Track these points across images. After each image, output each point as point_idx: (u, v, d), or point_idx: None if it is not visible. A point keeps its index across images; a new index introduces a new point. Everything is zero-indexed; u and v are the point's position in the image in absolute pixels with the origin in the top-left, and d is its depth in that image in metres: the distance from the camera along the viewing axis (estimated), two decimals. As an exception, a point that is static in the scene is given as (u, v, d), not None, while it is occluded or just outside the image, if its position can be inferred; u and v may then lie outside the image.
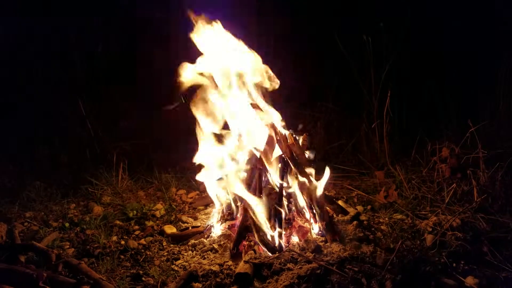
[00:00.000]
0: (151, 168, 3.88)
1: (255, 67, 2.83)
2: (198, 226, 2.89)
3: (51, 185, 3.55)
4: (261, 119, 2.75)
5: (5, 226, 2.73)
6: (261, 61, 2.83)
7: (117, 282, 2.25)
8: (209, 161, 2.90)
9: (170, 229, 2.87)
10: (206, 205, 3.30)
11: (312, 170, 2.68)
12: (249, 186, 2.72)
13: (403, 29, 3.88)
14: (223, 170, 2.86)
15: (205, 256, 2.51)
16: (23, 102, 4.25)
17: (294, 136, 2.77)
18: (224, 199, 2.92)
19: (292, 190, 2.70)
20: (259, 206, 2.55)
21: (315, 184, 2.61)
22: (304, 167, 2.66)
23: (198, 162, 2.91)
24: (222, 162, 2.87)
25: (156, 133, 4.42)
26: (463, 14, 4.13)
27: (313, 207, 2.62)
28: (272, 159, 2.73)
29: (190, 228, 2.90)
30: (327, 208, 2.74)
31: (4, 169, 3.76)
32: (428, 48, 4.23)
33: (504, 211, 2.79)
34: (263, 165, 2.72)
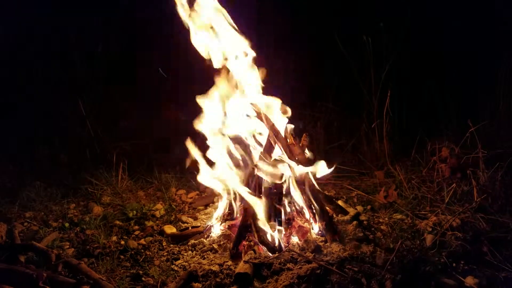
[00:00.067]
0: (151, 168, 3.87)
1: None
2: (198, 226, 2.89)
3: (51, 185, 3.55)
4: (261, 119, 2.75)
5: (5, 226, 2.73)
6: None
7: (117, 282, 2.25)
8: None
9: (170, 229, 2.87)
10: (206, 205, 3.30)
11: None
12: (248, 186, 2.73)
13: (403, 29, 3.88)
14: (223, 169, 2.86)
15: (205, 256, 2.51)
16: (23, 102, 4.25)
17: (294, 136, 2.78)
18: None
19: (292, 189, 2.70)
20: (259, 206, 2.55)
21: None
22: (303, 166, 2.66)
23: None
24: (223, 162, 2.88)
25: (156, 133, 4.42)
26: (463, 14, 4.13)
27: (312, 207, 2.62)
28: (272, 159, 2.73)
29: (190, 228, 2.90)
30: (327, 208, 2.74)
31: (4, 169, 3.76)
32: (428, 48, 4.23)
33: (504, 211, 2.79)
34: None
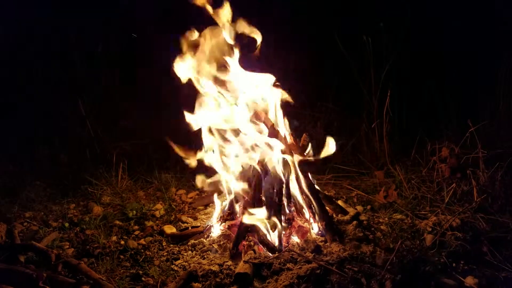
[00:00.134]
0: (151, 168, 3.87)
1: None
2: (198, 226, 2.89)
3: (51, 185, 3.55)
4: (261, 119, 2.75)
5: (4, 226, 2.73)
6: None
7: (116, 282, 2.25)
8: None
9: (169, 229, 2.87)
10: (206, 205, 3.30)
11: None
12: (249, 186, 2.73)
13: (403, 29, 3.88)
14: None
15: (205, 256, 2.51)
16: (23, 102, 4.25)
17: (294, 136, 2.77)
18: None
19: (292, 189, 2.71)
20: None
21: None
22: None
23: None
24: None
25: (156, 133, 4.41)
26: (463, 14, 4.13)
27: (312, 207, 2.62)
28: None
29: (190, 228, 2.90)
30: (327, 208, 2.74)
31: (4, 169, 3.75)
32: (428, 48, 4.23)
33: (504, 211, 2.79)
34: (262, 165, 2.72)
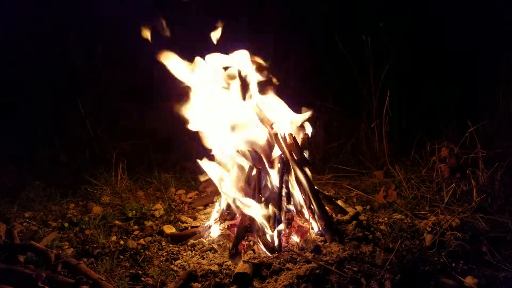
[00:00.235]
0: (150, 168, 3.88)
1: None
2: (198, 226, 2.89)
3: (50, 185, 3.55)
4: (260, 119, 2.75)
5: (4, 226, 2.73)
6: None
7: (116, 282, 2.25)
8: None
9: (169, 229, 2.87)
10: (206, 205, 3.30)
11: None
12: (248, 186, 2.73)
13: (403, 29, 3.88)
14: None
15: (204, 256, 2.51)
16: (23, 102, 4.25)
17: (293, 136, 2.77)
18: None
19: (291, 189, 2.70)
20: (258, 206, 2.55)
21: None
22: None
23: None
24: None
25: (156, 133, 4.42)
26: (463, 14, 4.12)
27: (312, 207, 2.62)
28: (271, 159, 2.73)
29: (189, 228, 2.90)
30: (327, 208, 2.73)
31: (4, 169, 3.75)
32: (428, 48, 4.23)
33: (503, 211, 2.79)
34: (262, 164, 2.72)
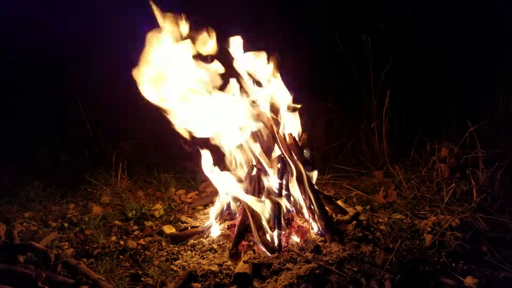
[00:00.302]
0: (150, 168, 3.88)
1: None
2: (197, 226, 2.89)
3: (50, 185, 3.56)
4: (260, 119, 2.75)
5: (4, 226, 2.73)
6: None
7: (116, 282, 2.25)
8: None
9: (169, 229, 2.87)
10: (205, 205, 3.30)
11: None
12: (249, 185, 2.73)
13: (403, 29, 3.88)
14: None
15: (204, 256, 2.51)
16: (23, 102, 4.25)
17: (293, 136, 2.77)
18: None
19: (291, 189, 2.70)
20: (258, 206, 2.55)
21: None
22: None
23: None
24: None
25: (156, 133, 4.41)
26: (463, 14, 4.12)
27: (312, 207, 2.62)
28: (271, 159, 2.73)
29: (189, 228, 2.90)
30: (326, 208, 2.73)
31: (4, 169, 3.76)
32: (428, 48, 4.22)
33: (503, 211, 2.79)
34: (262, 165, 2.72)
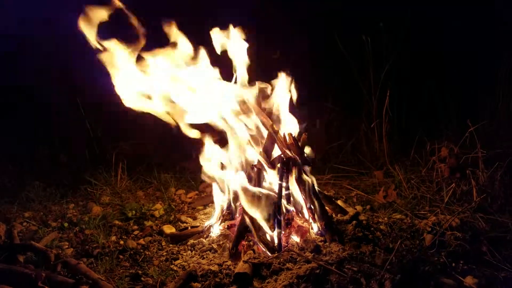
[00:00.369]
0: (150, 168, 3.88)
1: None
2: (197, 226, 2.89)
3: (50, 185, 3.56)
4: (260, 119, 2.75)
5: (4, 226, 2.73)
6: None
7: (116, 282, 2.25)
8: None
9: (169, 229, 2.87)
10: (205, 205, 3.30)
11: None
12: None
13: (403, 29, 3.88)
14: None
15: (204, 256, 2.51)
16: (23, 102, 4.25)
17: (293, 136, 2.77)
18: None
19: (291, 189, 2.70)
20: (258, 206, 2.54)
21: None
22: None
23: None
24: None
25: (156, 133, 4.41)
26: (463, 14, 4.12)
27: (312, 207, 2.61)
28: (271, 159, 2.73)
29: (189, 228, 2.90)
30: (326, 208, 2.73)
31: (4, 169, 3.76)
32: (428, 48, 4.23)
33: (503, 211, 2.79)
34: (262, 165, 2.72)
